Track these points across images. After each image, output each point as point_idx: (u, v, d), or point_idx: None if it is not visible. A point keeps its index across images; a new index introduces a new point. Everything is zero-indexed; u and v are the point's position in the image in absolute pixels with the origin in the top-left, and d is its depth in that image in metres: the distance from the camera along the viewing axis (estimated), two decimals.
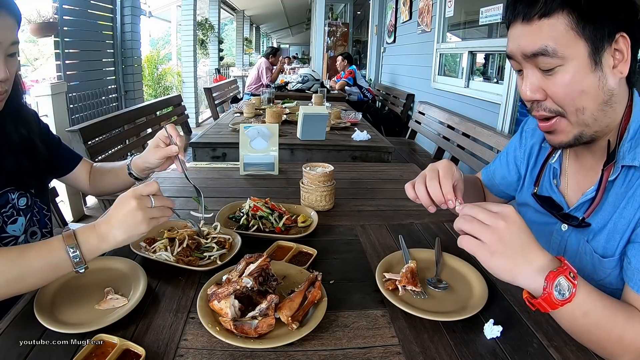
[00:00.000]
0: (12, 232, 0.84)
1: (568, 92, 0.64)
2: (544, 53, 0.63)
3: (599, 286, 0.73)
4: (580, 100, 0.64)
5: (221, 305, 0.64)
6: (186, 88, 6.44)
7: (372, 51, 7.13)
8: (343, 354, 0.61)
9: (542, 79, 0.66)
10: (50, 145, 0.98)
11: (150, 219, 0.68)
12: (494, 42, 3.02)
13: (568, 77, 0.63)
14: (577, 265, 0.76)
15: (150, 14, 8.05)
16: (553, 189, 0.82)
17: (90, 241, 0.66)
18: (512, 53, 0.69)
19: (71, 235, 0.65)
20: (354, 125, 2.65)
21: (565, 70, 0.63)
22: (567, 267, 0.56)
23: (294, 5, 11.91)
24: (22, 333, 0.62)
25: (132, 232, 0.67)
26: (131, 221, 0.66)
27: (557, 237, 0.81)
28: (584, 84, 0.63)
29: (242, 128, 1.46)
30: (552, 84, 0.65)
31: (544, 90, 0.67)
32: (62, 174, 1.04)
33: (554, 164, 0.83)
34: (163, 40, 14.18)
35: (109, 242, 0.67)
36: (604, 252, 0.71)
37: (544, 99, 0.67)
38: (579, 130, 0.68)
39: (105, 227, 0.67)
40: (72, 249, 0.64)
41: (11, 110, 0.84)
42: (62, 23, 3.23)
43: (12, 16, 0.74)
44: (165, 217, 0.71)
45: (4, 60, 0.73)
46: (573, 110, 0.66)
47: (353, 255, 0.91)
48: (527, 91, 0.68)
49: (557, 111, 0.67)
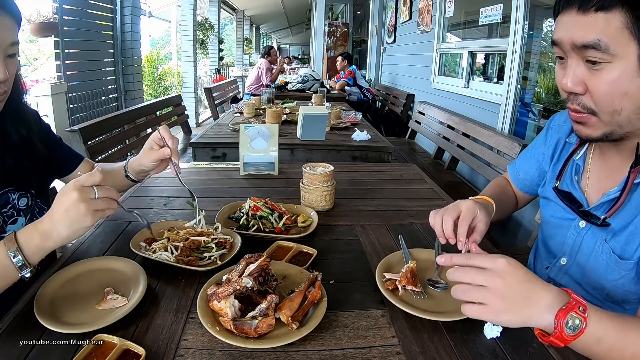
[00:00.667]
0: None
1: (611, 90, 0.63)
2: (595, 47, 0.61)
3: (611, 286, 0.75)
4: (620, 102, 0.63)
5: (221, 305, 0.64)
6: (186, 88, 6.44)
7: (372, 51, 7.13)
8: (343, 354, 0.61)
9: (586, 72, 0.64)
10: (52, 146, 0.98)
11: (95, 211, 0.64)
12: (494, 42, 3.02)
13: (614, 75, 0.62)
14: (591, 264, 0.77)
15: (150, 14, 8.06)
16: (574, 184, 0.82)
17: (33, 242, 0.63)
18: (560, 40, 0.66)
19: (12, 238, 0.62)
20: (354, 125, 2.64)
21: (613, 68, 0.62)
22: (576, 302, 0.55)
23: (294, 5, 11.91)
24: (22, 333, 0.62)
25: (76, 226, 0.63)
26: (74, 215, 0.63)
27: (574, 234, 0.81)
28: (628, 86, 0.62)
29: (242, 128, 1.46)
30: (597, 79, 0.63)
31: (585, 85, 0.65)
32: (64, 173, 1.04)
33: (577, 160, 0.83)
34: (163, 40, 14.17)
35: (53, 239, 0.64)
36: (621, 254, 0.71)
37: (584, 93, 0.66)
38: (610, 129, 0.67)
39: (48, 223, 0.63)
40: (13, 254, 0.61)
41: (11, 110, 0.83)
42: (62, 23, 3.23)
43: (11, 17, 0.73)
44: (111, 210, 0.68)
45: (3, 61, 0.73)
46: (609, 111, 0.65)
47: (353, 255, 0.91)
48: (568, 82, 0.66)
49: (591, 110, 0.66)
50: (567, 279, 0.83)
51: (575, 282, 0.82)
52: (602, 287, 0.76)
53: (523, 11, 2.44)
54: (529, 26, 2.47)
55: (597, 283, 0.77)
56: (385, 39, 6.37)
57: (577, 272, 0.81)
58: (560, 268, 0.85)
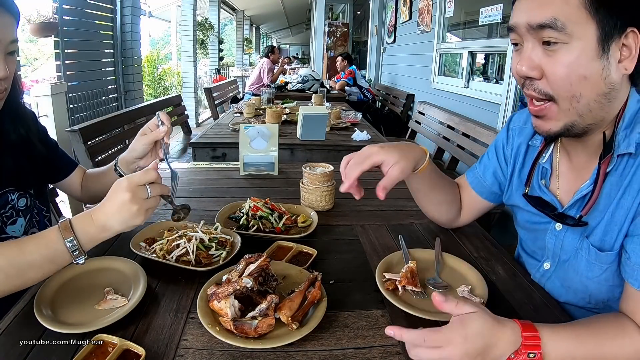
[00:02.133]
0: (11, 232, 0.84)
1: (568, 73, 0.60)
2: (552, 26, 0.59)
3: (595, 284, 0.72)
4: (578, 86, 0.61)
5: (221, 305, 0.64)
6: (186, 88, 6.44)
7: (372, 51, 7.13)
8: (343, 354, 0.61)
9: (542, 55, 0.62)
10: (49, 149, 0.97)
11: (147, 210, 0.67)
12: (494, 42, 3.02)
13: (572, 57, 0.60)
14: (574, 264, 0.75)
15: (150, 14, 8.06)
16: (542, 189, 0.79)
17: (90, 231, 0.65)
18: (516, 25, 0.64)
19: (67, 226, 0.64)
20: (354, 125, 2.65)
21: (570, 49, 0.60)
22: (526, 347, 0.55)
23: (294, 5, 11.91)
24: (22, 333, 0.62)
25: (128, 223, 0.66)
26: (126, 214, 0.65)
27: (552, 237, 0.78)
28: (587, 69, 0.60)
29: (242, 128, 1.46)
30: (553, 62, 0.61)
31: (541, 68, 0.63)
32: (58, 179, 1.02)
33: (544, 164, 0.80)
34: (163, 40, 14.18)
35: (108, 232, 0.66)
36: (601, 245, 0.69)
37: (539, 77, 0.63)
38: (570, 119, 0.64)
39: (102, 215, 0.65)
40: (70, 242, 0.63)
41: (10, 110, 0.83)
42: (62, 23, 3.23)
43: (11, 14, 0.74)
44: (156, 208, 0.70)
45: (3, 59, 0.73)
46: (567, 97, 0.62)
47: (353, 255, 0.91)
48: (522, 67, 0.64)
49: (549, 95, 0.63)
50: (552, 283, 0.81)
51: (560, 285, 0.79)
52: (585, 288, 0.74)
53: None
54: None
55: (581, 284, 0.75)
56: (385, 39, 6.37)
57: (561, 275, 0.79)
58: (544, 273, 0.82)
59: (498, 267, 0.88)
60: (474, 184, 0.98)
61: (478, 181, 0.97)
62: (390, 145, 0.77)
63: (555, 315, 0.73)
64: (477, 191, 0.97)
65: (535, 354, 0.55)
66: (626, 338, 0.59)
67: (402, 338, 0.56)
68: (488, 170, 0.95)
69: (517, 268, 0.87)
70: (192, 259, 0.81)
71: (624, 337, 0.59)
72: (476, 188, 0.97)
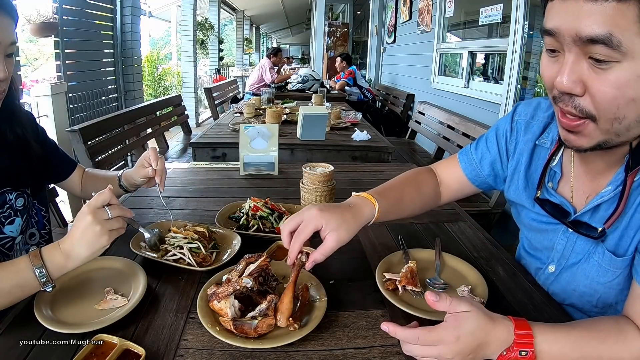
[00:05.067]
0: (9, 232, 0.84)
1: (617, 95, 0.53)
2: (606, 42, 0.50)
3: (605, 289, 0.70)
4: (624, 108, 0.54)
5: (221, 305, 0.64)
6: (186, 88, 6.44)
7: (372, 51, 7.13)
8: (343, 354, 0.61)
9: (588, 71, 0.54)
10: (48, 149, 0.98)
11: (110, 231, 0.68)
12: (494, 42, 3.02)
13: (623, 78, 0.52)
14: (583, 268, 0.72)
15: (150, 14, 8.06)
16: (550, 192, 0.76)
17: (57, 260, 0.66)
18: (557, 30, 0.55)
19: (37, 254, 0.66)
20: (354, 125, 2.65)
21: (622, 68, 0.52)
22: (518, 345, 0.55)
23: (294, 6, 11.90)
24: (22, 333, 0.62)
25: (94, 247, 0.67)
26: (91, 236, 0.66)
27: (563, 239, 0.75)
28: (637, 91, 0.53)
29: (242, 128, 1.46)
30: (602, 81, 0.53)
31: (585, 85, 0.55)
32: (60, 179, 1.05)
33: (554, 167, 0.76)
34: (163, 40, 14.17)
35: (74, 260, 0.67)
36: (615, 250, 0.66)
37: (582, 94, 0.56)
38: (606, 137, 0.58)
39: (69, 244, 0.67)
40: (39, 269, 0.64)
41: (6, 110, 0.84)
42: (62, 23, 3.23)
43: (10, 16, 0.74)
44: (123, 229, 0.71)
45: (3, 60, 0.73)
46: (610, 118, 0.55)
47: (353, 255, 0.91)
48: (564, 80, 0.56)
49: (590, 114, 0.56)
50: (556, 286, 0.78)
51: (565, 288, 0.76)
52: (593, 292, 0.72)
53: (523, 11, 2.45)
54: (529, 26, 2.47)
55: (589, 288, 0.72)
56: (385, 39, 6.37)
57: (567, 278, 0.76)
58: (548, 276, 0.80)
59: (498, 267, 0.88)
60: (468, 170, 0.92)
61: (473, 168, 0.91)
62: (331, 209, 0.71)
63: (556, 316, 0.73)
64: (470, 177, 0.92)
65: (527, 352, 0.55)
66: (627, 342, 0.57)
67: (395, 335, 0.57)
68: (485, 160, 0.89)
69: (517, 268, 0.87)
70: (193, 262, 0.81)
71: (624, 342, 0.58)
72: (470, 175, 0.92)
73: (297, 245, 0.67)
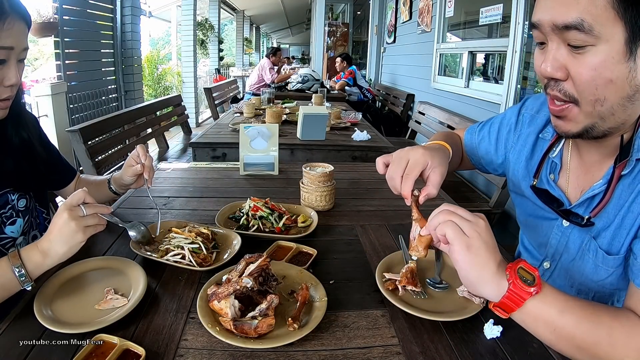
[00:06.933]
0: (10, 233, 0.84)
1: (594, 76, 0.57)
2: (578, 27, 0.56)
3: (598, 287, 0.72)
4: (603, 90, 0.58)
5: (221, 305, 0.64)
6: (186, 88, 6.44)
7: (372, 51, 7.13)
8: (343, 354, 0.61)
9: (568, 56, 0.59)
10: (50, 155, 0.99)
11: (85, 228, 0.70)
12: (494, 42, 3.02)
13: (598, 59, 0.56)
14: (577, 265, 0.74)
15: (150, 14, 8.05)
16: (550, 184, 0.78)
17: (34, 259, 0.68)
18: (539, 22, 0.61)
19: (16, 255, 0.68)
20: (354, 125, 2.65)
21: (597, 51, 0.56)
22: (518, 262, 0.60)
23: (294, 5, 11.90)
24: (22, 333, 0.62)
25: (70, 243, 0.69)
26: (67, 233, 0.68)
27: (558, 233, 0.77)
28: (613, 72, 0.57)
29: (242, 128, 1.46)
30: (579, 63, 0.58)
31: (567, 70, 0.60)
32: (60, 187, 1.06)
33: (554, 158, 0.78)
34: (163, 40, 14.18)
35: (52, 257, 0.69)
36: (609, 249, 0.68)
37: (565, 79, 0.61)
38: (591, 121, 0.62)
39: (46, 243, 0.69)
40: (18, 268, 0.66)
41: (12, 113, 0.84)
42: (62, 23, 3.23)
43: (24, 22, 0.75)
44: (101, 225, 0.73)
45: (16, 65, 0.74)
46: (591, 100, 0.59)
47: (353, 255, 0.91)
48: (547, 67, 0.61)
49: (573, 97, 0.61)
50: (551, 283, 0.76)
51: (561, 286, 0.77)
52: (588, 289, 0.74)
53: (523, 11, 2.45)
54: (529, 26, 2.47)
55: (584, 285, 0.74)
56: (385, 39, 6.37)
57: (561, 275, 0.78)
58: (544, 273, 0.81)
59: None
60: (468, 148, 1.01)
61: (472, 148, 1.00)
62: (429, 149, 0.76)
63: None
64: (468, 153, 1.02)
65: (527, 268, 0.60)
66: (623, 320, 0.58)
67: None
68: (483, 143, 0.97)
69: None
70: (193, 262, 0.81)
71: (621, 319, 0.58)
72: (468, 151, 1.01)
73: (409, 183, 0.72)
